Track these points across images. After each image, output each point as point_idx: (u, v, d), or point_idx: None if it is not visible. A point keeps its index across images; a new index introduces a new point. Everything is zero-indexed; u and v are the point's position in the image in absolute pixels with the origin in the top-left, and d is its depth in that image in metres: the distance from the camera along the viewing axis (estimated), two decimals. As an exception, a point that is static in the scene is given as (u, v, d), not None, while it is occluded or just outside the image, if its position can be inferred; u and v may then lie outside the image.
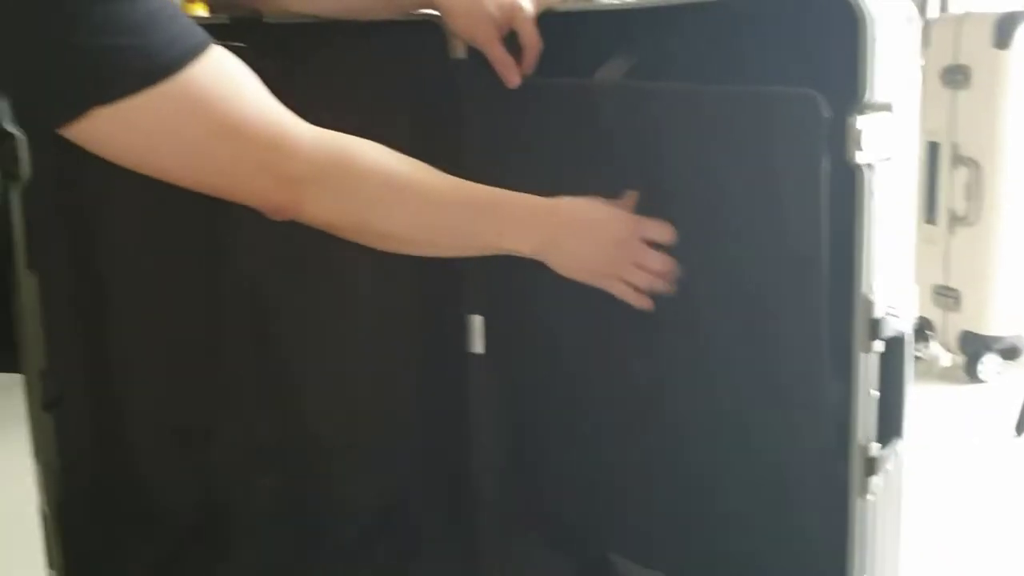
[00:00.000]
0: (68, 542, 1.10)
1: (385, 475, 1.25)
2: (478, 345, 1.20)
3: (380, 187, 0.96)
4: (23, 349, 1.05)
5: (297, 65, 1.14)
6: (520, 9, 1.08)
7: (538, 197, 1.02)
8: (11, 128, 1.00)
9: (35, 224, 1.04)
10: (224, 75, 0.90)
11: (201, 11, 1.52)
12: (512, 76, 1.10)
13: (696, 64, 1.03)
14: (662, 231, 1.02)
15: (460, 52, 1.15)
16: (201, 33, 0.89)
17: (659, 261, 1.02)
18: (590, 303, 1.12)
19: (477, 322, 1.20)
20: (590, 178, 1.07)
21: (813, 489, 0.96)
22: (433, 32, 1.15)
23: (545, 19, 1.10)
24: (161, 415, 1.17)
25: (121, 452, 1.16)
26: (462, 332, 1.21)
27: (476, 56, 1.13)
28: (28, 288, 1.04)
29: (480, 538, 1.26)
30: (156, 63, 0.85)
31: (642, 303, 1.03)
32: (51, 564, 1.10)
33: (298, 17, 1.14)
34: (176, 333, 1.16)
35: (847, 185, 0.88)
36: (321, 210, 0.96)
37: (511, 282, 1.16)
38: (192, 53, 0.87)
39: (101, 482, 1.15)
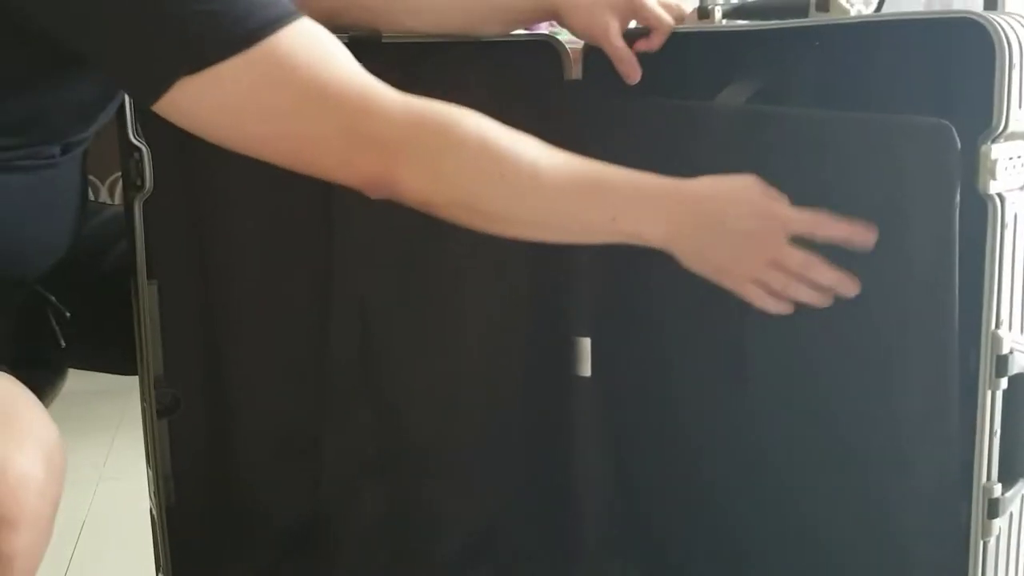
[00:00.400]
0: (176, 546, 1.12)
1: (488, 494, 1.25)
2: (585, 368, 1.19)
3: (478, 156, 0.89)
4: (140, 357, 1.08)
5: (414, 85, 1.15)
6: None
7: (665, 179, 0.92)
8: (136, 140, 1.03)
9: (155, 234, 1.07)
10: (312, 42, 0.88)
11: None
12: (634, 72, 1.07)
13: (821, 89, 1.01)
14: (816, 223, 0.88)
15: (575, 73, 1.15)
16: (288, 4, 0.88)
17: (802, 261, 0.89)
18: (700, 327, 1.10)
19: (584, 344, 1.19)
20: None
21: (933, 531, 0.92)
22: (548, 53, 1.15)
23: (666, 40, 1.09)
24: (270, 424, 1.19)
25: (230, 459, 1.18)
26: (569, 354, 1.20)
27: (591, 77, 1.13)
28: (147, 297, 1.07)
29: (580, 562, 1.25)
30: (242, 29, 0.84)
31: (779, 308, 0.91)
32: (159, 567, 1.13)
33: (416, 36, 1.15)
34: (287, 344, 1.18)
35: (978, 216, 0.84)
36: (416, 182, 0.90)
37: (618, 305, 1.15)
38: (278, 21, 0.85)
39: (210, 488, 1.17)
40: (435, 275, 1.18)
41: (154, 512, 1.11)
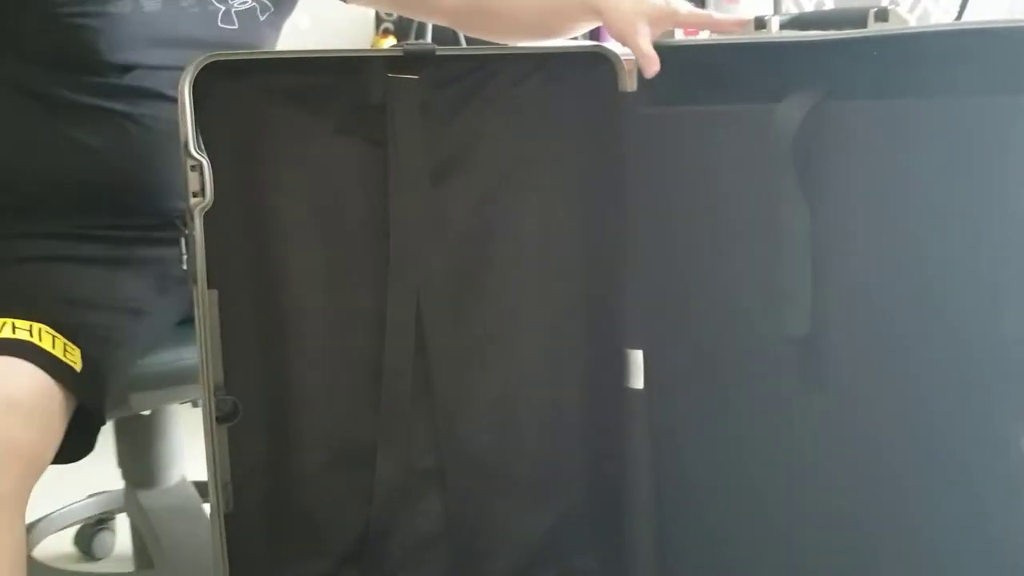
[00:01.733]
0: (234, 554, 1.14)
1: (543, 507, 1.24)
2: (637, 380, 1.18)
3: None
4: (200, 364, 1.10)
5: (469, 97, 1.17)
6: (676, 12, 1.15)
7: None
8: (196, 154, 1.06)
9: (216, 244, 1.09)
10: None
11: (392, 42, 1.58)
12: (650, 66, 1.12)
13: (881, 100, 1.00)
14: None
15: (630, 85, 1.15)
16: None
17: None
18: (755, 336, 1.09)
19: (637, 357, 1.18)
20: (771, 204, 1.05)
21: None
22: (603, 64, 1.15)
23: (716, 50, 1.09)
24: (328, 433, 1.19)
25: (288, 467, 1.19)
26: (622, 367, 1.19)
27: (646, 88, 1.13)
28: (207, 305, 1.09)
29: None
30: None
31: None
32: (216, 573, 1.15)
33: (471, 49, 1.18)
34: (344, 354, 1.18)
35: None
36: None
37: (672, 316, 1.14)
38: None
39: (269, 495, 1.18)
40: (490, 287, 1.19)
41: (213, 519, 1.13)
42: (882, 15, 1.01)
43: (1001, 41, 0.90)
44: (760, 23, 1.08)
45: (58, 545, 1.89)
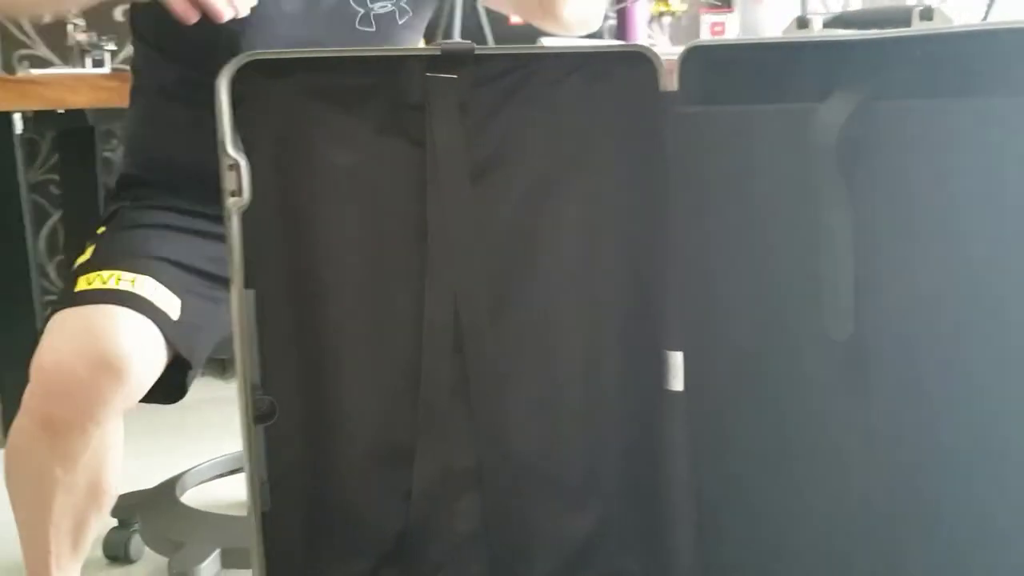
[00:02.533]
0: (271, 552, 1.14)
1: (581, 511, 1.24)
2: (677, 383, 1.18)
3: None
4: (237, 364, 1.10)
5: (508, 96, 1.17)
6: None
7: None
8: (233, 153, 1.06)
9: (254, 243, 1.10)
10: None
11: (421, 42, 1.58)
12: None
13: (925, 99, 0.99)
14: None
15: (671, 84, 1.14)
16: None
17: None
18: (796, 338, 1.08)
19: (677, 359, 1.18)
20: (814, 205, 1.04)
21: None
22: (643, 64, 1.15)
23: (758, 49, 1.09)
24: (366, 433, 1.20)
25: (326, 467, 1.19)
26: (661, 369, 1.19)
27: (687, 88, 1.12)
28: (244, 304, 1.09)
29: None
30: None
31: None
32: (253, 571, 1.15)
33: (508, 48, 1.19)
34: (382, 353, 1.19)
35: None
36: None
37: (712, 318, 1.14)
38: None
39: (306, 495, 1.19)
40: (528, 288, 1.19)
41: (250, 518, 1.14)
42: (927, 14, 1.00)
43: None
44: (803, 22, 1.08)
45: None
